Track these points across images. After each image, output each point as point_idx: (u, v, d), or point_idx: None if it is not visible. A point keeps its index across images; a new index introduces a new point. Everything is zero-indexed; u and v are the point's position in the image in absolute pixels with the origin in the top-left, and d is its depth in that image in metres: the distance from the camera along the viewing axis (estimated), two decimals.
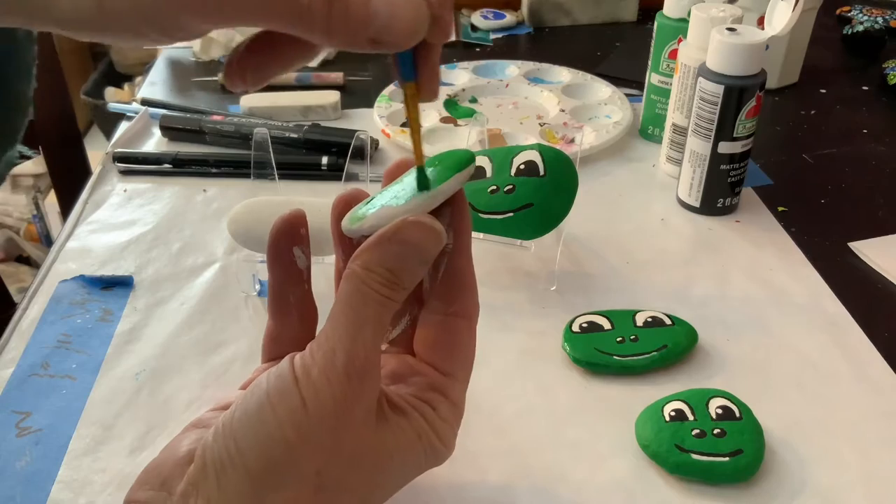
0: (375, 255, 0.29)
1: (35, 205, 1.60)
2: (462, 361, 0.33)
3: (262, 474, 0.28)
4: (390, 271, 0.29)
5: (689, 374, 0.46)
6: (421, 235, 0.29)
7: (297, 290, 0.34)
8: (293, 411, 0.28)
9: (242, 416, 0.28)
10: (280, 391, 0.28)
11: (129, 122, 0.74)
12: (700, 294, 0.53)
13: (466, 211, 0.32)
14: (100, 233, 0.59)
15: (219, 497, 0.28)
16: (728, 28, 0.55)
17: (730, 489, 0.39)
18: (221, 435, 0.28)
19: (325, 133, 0.69)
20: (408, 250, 0.29)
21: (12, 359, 0.47)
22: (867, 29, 0.91)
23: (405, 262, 0.29)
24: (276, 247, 0.34)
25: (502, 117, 0.74)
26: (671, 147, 0.65)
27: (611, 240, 0.58)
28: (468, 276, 0.33)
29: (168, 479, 0.29)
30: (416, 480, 0.33)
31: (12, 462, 0.41)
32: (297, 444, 0.28)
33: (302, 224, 0.34)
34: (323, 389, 0.28)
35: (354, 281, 0.29)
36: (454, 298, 0.33)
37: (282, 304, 0.34)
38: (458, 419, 0.33)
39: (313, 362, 0.28)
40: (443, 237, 0.30)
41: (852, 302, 0.52)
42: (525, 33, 0.98)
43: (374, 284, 0.29)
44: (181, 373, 0.47)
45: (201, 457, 0.28)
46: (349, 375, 0.28)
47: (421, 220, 0.29)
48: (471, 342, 0.34)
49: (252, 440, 0.28)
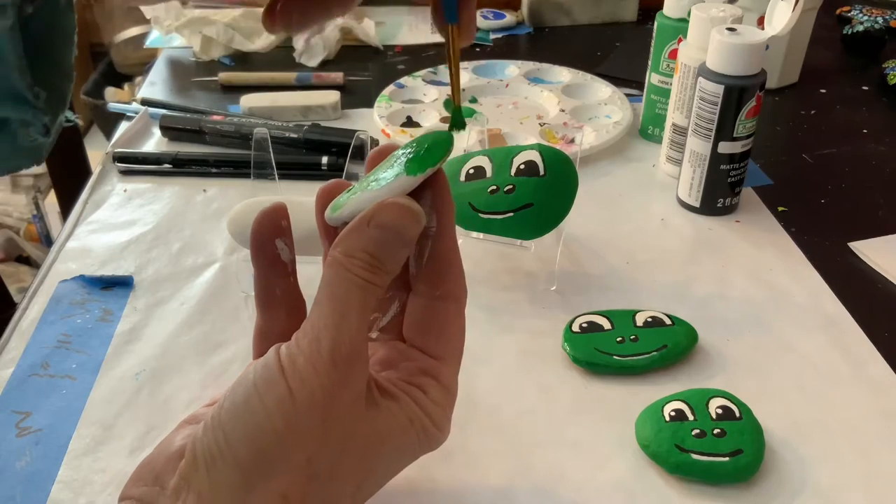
0: (355, 239, 0.29)
1: (35, 205, 1.60)
2: (452, 344, 0.33)
3: (251, 465, 0.28)
4: (371, 255, 0.29)
5: (689, 374, 0.46)
6: (398, 216, 0.29)
7: (283, 282, 0.34)
8: (281, 401, 0.28)
9: (230, 408, 0.28)
10: (267, 381, 0.28)
11: (129, 122, 0.74)
12: (700, 294, 0.53)
13: (447, 192, 0.32)
14: (100, 233, 0.59)
15: (210, 489, 0.28)
16: (728, 28, 0.55)
17: (730, 489, 0.39)
18: (210, 428, 0.28)
19: (325, 133, 0.69)
20: (387, 233, 0.29)
21: (12, 359, 0.47)
22: (867, 29, 0.91)
23: (385, 245, 0.29)
24: (258, 240, 0.33)
25: (502, 117, 0.74)
26: (671, 147, 0.65)
27: (611, 240, 0.58)
28: (454, 258, 0.33)
29: (161, 474, 0.29)
30: (416, 480, 0.33)
31: (12, 462, 0.41)
32: (285, 434, 0.28)
33: (283, 216, 0.33)
34: (309, 377, 0.28)
35: (336, 267, 0.29)
36: (441, 281, 0.32)
37: (269, 299, 0.34)
38: (452, 402, 0.33)
39: (299, 351, 0.28)
40: (421, 217, 0.30)
41: (852, 302, 0.52)
42: (525, 33, 0.98)
43: (356, 270, 0.29)
44: (181, 373, 0.47)
45: (191, 450, 0.29)
46: (335, 362, 0.28)
47: (397, 202, 0.29)
48: (460, 324, 0.33)
49: (240, 431, 0.28)
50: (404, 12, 1.03)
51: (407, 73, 0.82)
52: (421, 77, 0.81)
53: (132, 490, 0.30)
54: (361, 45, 0.93)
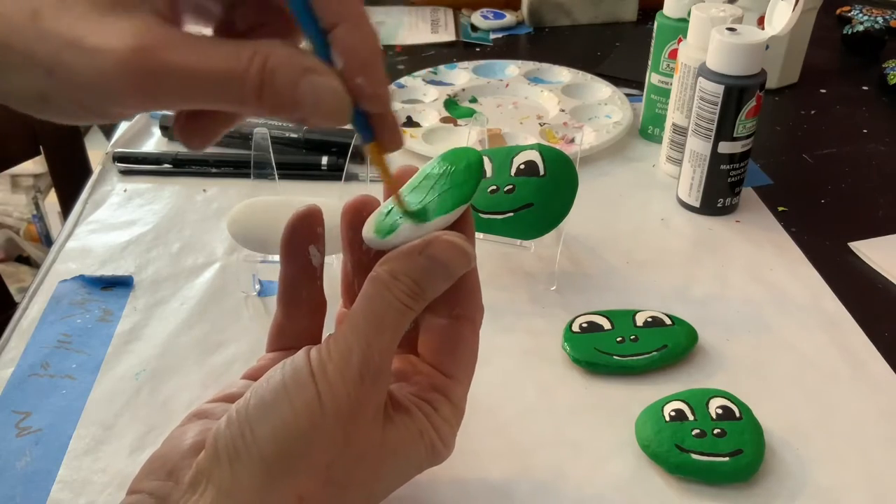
0: (403, 265, 0.30)
1: (35, 205, 1.60)
2: (464, 364, 0.34)
3: (276, 462, 0.28)
4: (416, 283, 0.30)
5: (689, 374, 0.46)
6: (452, 254, 0.30)
7: (310, 285, 0.35)
8: (309, 403, 0.28)
9: (258, 404, 0.29)
10: (297, 382, 0.29)
11: (129, 122, 0.74)
12: (700, 294, 0.53)
13: (470, 214, 0.33)
14: (100, 233, 0.59)
15: (231, 483, 0.28)
16: (728, 28, 0.55)
17: (730, 489, 0.39)
18: (236, 422, 0.29)
19: (325, 133, 0.69)
20: (436, 266, 0.30)
21: (12, 359, 0.47)
22: (867, 29, 0.91)
23: (431, 276, 0.30)
24: (291, 244, 0.34)
25: (502, 117, 0.74)
26: (671, 147, 0.65)
27: (611, 240, 0.58)
28: (472, 279, 0.33)
29: (174, 469, 0.30)
30: (417, 480, 0.33)
31: (12, 462, 0.41)
32: (311, 436, 0.28)
33: (318, 223, 0.34)
34: (338, 386, 0.28)
35: (378, 286, 0.30)
36: (458, 302, 0.33)
37: (293, 299, 0.35)
38: (459, 420, 0.34)
39: (329, 359, 0.29)
40: (471, 259, 0.31)
41: (852, 302, 0.52)
42: (525, 33, 0.98)
43: (398, 293, 0.30)
44: (181, 373, 0.47)
45: (213, 444, 0.29)
46: (363, 377, 0.29)
47: (454, 241, 0.30)
48: (474, 345, 0.34)
49: (268, 428, 0.28)
50: (404, 12, 1.03)
51: (407, 73, 0.82)
52: (421, 77, 0.81)
53: (143, 484, 0.30)
54: None
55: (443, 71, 0.83)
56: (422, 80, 0.80)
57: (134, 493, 0.30)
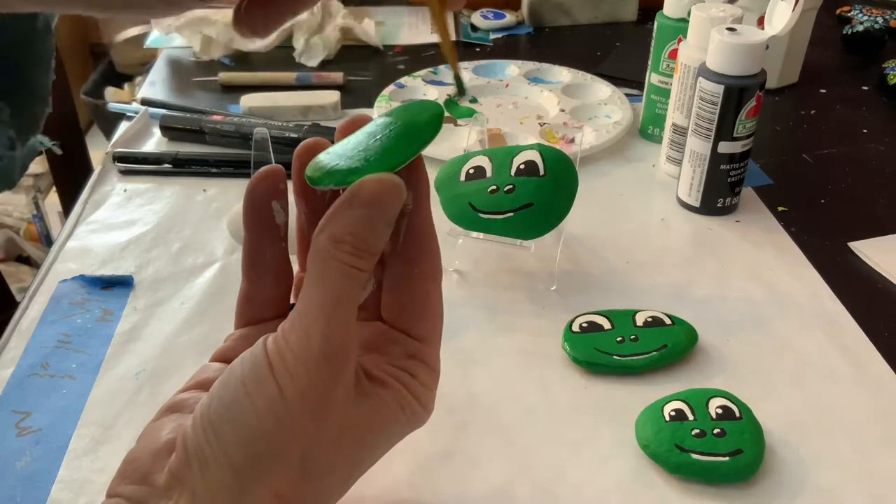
0: (339, 223, 0.28)
1: (35, 205, 1.60)
2: (433, 324, 0.33)
3: (245, 467, 0.27)
4: (357, 237, 0.28)
5: (689, 374, 0.46)
6: (381, 192, 0.28)
7: (274, 246, 0.33)
8: (270, 400, 0.27)
9: (220, 408, 0.28)
10: (256, 379, 0.27)
11: (129, 122, 0.74)
12: (700, 294, 0.53)
13: (422, 168, 0.31)
14: (100, 233, 0.59)
15: (204, 489, 0.27)
16: (728, 28, 0.55)
17: (730, 489, 0.39)
18: (200, 427, 0.28)
19: (325, 133, 0.69)
20: (372, 211, 0.28)
21: (12, 359, 0.47)
22: (867, 29, 0.91)
23: (370, 223, 0.28)
24: (253, 202, 0.33)
25: (502, 117, 0.74)
26: (671, 147, 0.65)
27: (611, 240, 0.58)
28: (430, 236, 0.32)
29: (148, 472, 0.29)
30: (416, 480, 0.33)
31: (12, 462, 0.41)
32: (278, 434, 0.27)
33: (281, 179, 0.33)
34: (300, 375, 0.27)
35: (322, 255, 0.28)
36: (418, 259, 0.32)
37: (258, 263, 0.34)
38: (436, 381, 0.33)
39: (287, 346, 0.28)
40: (402, 190, 0.29)
41: (852, 302, 0.52)
42: (525, 33, 0.98)
43: (342, 256, 0.28)
44: (181, 373, 0.46)
45: (182, 447, 0.28)
46: (327, 358, 0.27)
47: (379, 178, 0.29)
48: (439, 303, 0.33)
49: (232, 434, 0.27)
50: (404, 12, 1.03)
51: (407, 73, 0.82)
52: (421, 77, 0.81)
53: (119, 488, 0.29)
54: (361, 45, 0.93)
55: (443, 71, 0.83)
56: (422, 80, 0.80)
57: (112, 496, 0.29)
